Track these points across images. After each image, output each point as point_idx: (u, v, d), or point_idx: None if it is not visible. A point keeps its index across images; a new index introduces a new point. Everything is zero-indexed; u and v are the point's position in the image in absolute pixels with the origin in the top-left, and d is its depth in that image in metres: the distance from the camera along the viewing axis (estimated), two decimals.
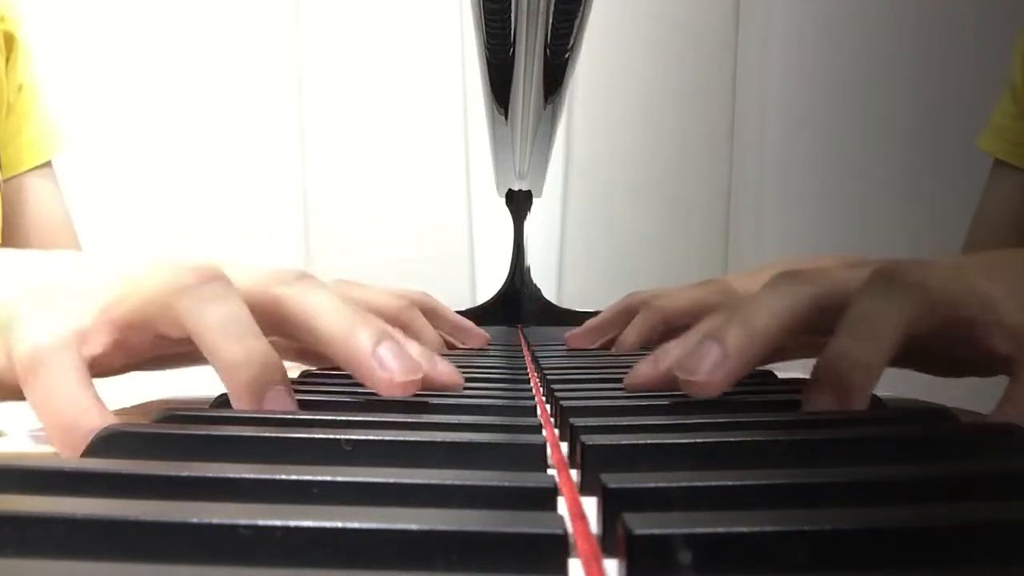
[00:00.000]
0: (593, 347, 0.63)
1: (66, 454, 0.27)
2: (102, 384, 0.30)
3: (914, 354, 0.31)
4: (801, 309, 0.32)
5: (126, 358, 0.32)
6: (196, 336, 0.29)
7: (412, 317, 0.54)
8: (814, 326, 0.32)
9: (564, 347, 0.65)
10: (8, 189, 0.70)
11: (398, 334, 0.34)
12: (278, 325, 0.33)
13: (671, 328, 0.55)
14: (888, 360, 0.29)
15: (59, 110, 0.75)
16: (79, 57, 1.32)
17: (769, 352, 0.32)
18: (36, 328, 0.28)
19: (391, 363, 0.31)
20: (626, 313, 0.60)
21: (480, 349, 0.63)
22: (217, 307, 0.29)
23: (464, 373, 0.44)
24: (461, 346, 0.63)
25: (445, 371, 0.36)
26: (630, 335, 0.57)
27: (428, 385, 0.33)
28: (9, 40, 0.68)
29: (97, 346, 0.29)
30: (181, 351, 0.33)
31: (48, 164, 0.74)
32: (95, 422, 0.26)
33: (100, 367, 0.30)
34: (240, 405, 0.29)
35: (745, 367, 0.31)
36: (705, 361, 0.31)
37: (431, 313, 0.59)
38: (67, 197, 0.76)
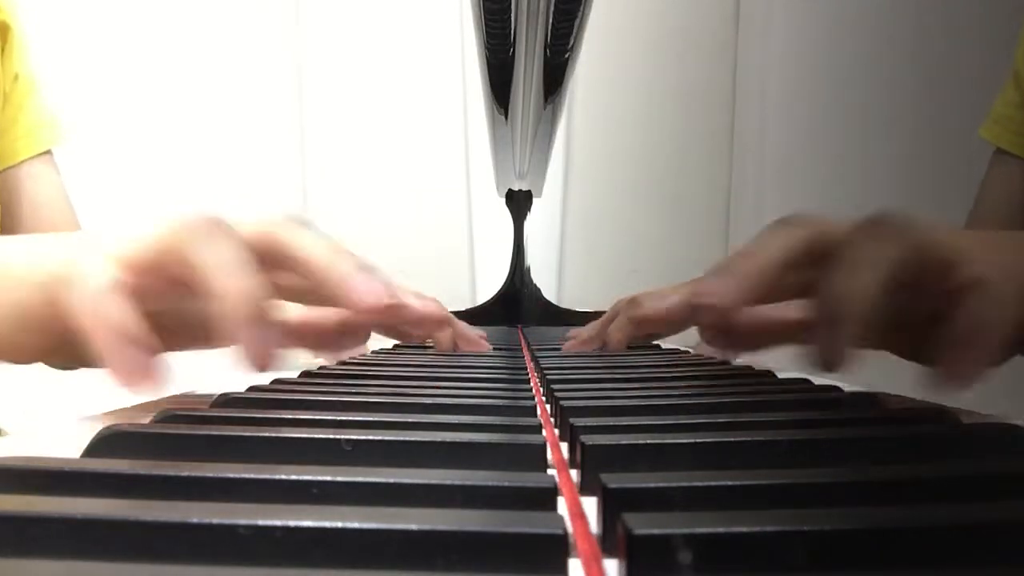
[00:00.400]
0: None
1: (135, 389, 0.29)
2: (102, 385, 0.30)
3: (894, 320, 0.31)
4: (798, 246, 0.33)
5: (155, 304, 0.33)
6: (198, 272, 0.31)
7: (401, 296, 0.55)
8: (812, 263, 0.33)
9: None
10: (6, 179, 0.70)
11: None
12: (274, 261, 0.34)
13: (652, 329, 0.55)
14: (880, 294, 0.29)
15: (58, 103, 0.75)
16: (79, 56, 1.32)
17: (774, 280, 0.33)
18: (83, 279, 0.31)
19: (368, 285, 0.33)
20: (612, 319, 0.60)
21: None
22: (217, 245, 0.31)
23: (464, 373, 0.44)
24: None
25: (423, 304, 0.38)
26: (614, 333, 0.57)
27: (406, 316, 0.35)
28: (3, 30, 0.68)
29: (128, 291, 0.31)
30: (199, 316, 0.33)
31: (48, 154, 0.73)
32: (152, 352, 0.30)
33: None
34: (229, 338, 0.30)
35: (754, 289, 0.32)
36: (718, 283, 0.32)
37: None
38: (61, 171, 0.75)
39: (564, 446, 0.28)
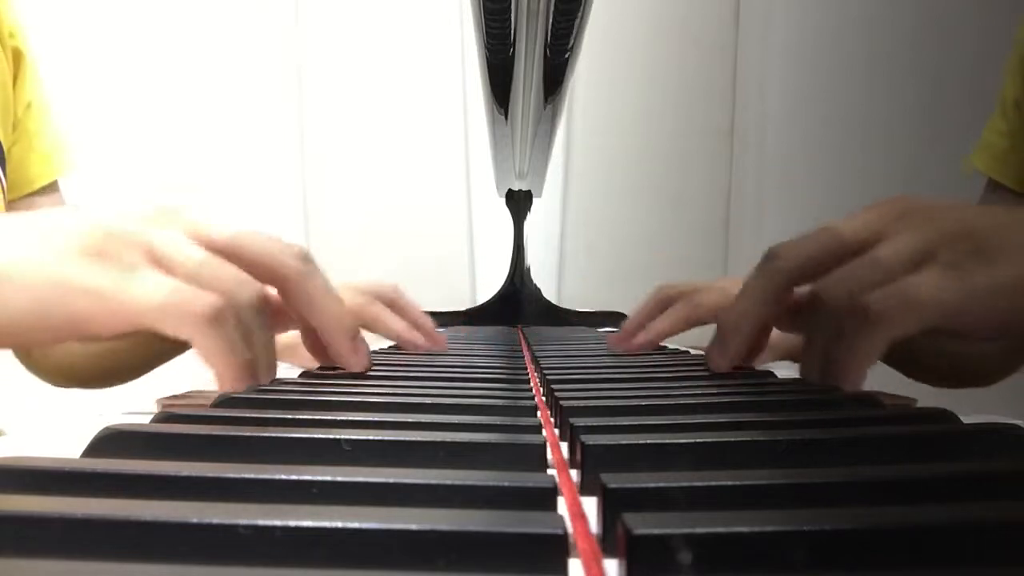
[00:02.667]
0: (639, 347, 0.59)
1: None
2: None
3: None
4: (772, 294, 0.40)
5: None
6: (305, 293, 0.39)
7: (377, 313, 0.58)
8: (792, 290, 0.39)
9: (564, 347, 0.65)
10: (20, 207, 0.69)
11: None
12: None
13: (704, 323, 0.55)
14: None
15: (67, 128, 0.74)
16: (79, 61, 1.32)
17: (759, 330, 0.40)
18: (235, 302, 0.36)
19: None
20: (659, 305, 0.59)
21: (478, 350, 0.63)
22: (317, 277, 0.40)
23: (464, 373, 0.44)
24: (415, 346, 0.60)
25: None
26: (661, 323, 0.56)
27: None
28: (17, 57, 0.67)
29: None
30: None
31: (55, 183, 0.73)
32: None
33: None
34: (341, 348, 0.41)
35: (745, 348, 0.40)
36: (719, 354, 0.41)
37: (394, 306, 0.60)
38: (67, 200, 0.75)
39: (564, 446, 0.28)
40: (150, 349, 0.57)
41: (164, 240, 0.36)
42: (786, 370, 0.47)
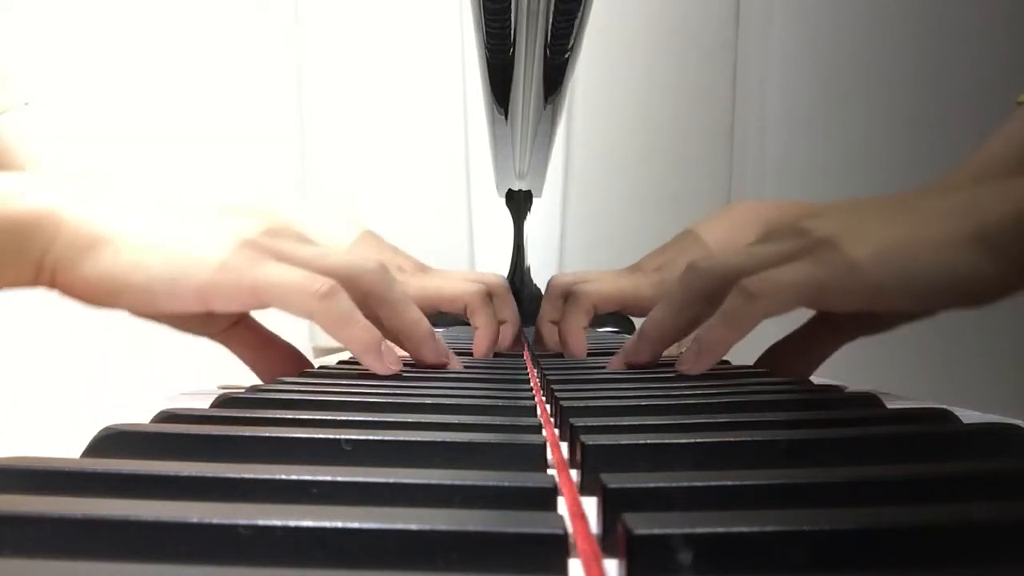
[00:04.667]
0: (554, 348, 0.61)
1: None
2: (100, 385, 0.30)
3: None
4: (687, 301, 0.44)
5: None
6: (390, 300, 0.44)
7: (479, 306, 0.59)
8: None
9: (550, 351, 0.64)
10: None
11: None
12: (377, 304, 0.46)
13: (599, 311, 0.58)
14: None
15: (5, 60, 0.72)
16: (79, 61, 1.32)
17: (676, 334, 0.44)
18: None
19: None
20: (550, 300, 0.62)
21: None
22: (397, 285, 0.45)
23: (464, 373, 0.44)
24: (504, 346, 0.62)
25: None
26: (573, 332, 0.57)
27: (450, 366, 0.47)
28: None
29: None
30: None
31: (25, 105, 0.70)
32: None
33: None
34: (423, 348, 0.45)
35: (663, 347, 0.45)
36: (638, 351, 0.45)
37: (499, 298, 0.63)
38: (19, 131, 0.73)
39: (564, 446, 0.28)
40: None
41: (285, 242, 0.43)
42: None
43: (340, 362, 0.55)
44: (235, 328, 0.46)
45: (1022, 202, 0.32)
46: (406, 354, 0.47)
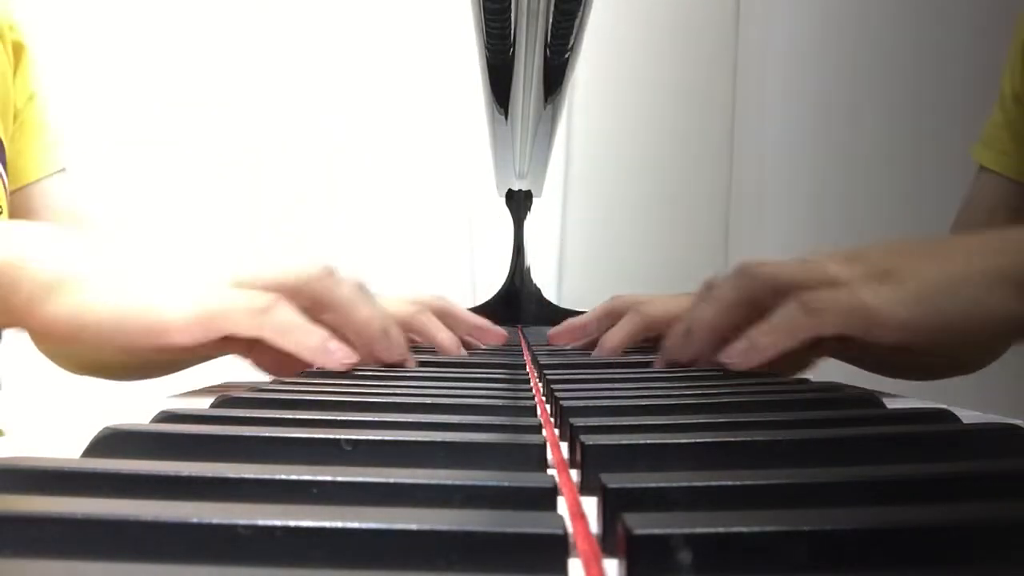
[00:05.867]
0: (574, 346, 0.63)
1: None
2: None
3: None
4: (739, 299, 0.44)
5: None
6: (336, 302, 0.44)
7: (424, 321, 0.58)
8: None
9: (564, 347, 0.65)
10: (20, 199, 0.69)
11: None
12: (321, 307, 0.46)
13: (654, 333, 0.57)
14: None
15: (63, 122, 0.75)
16: (78, 61, 1.32)
17: (724, 332, 0.44)
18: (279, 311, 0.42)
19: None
20: (610, 316, 0.60)
21: (478, 350, 0.63)
22: (343, 286, 0.45)
23: (464, 373, 0.44)
24: (482, 346, 0.63)
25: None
26: (616, 335, 0.57)
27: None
28: (18, 50, 0.68)
29: None
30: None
31: (63, 172, 0.73)
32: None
33: None
34: (375, 346, 0.45)
35: (710, 347, 0.44)
36: (682, 347, 0.46)
37: (445, 316, 0.61)
38: (72, 191, 0.75)
39: (564, 446, 0.28)
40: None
41: (238, 270, 0.44)
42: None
43: None
44: (256, 344, 0.46)
45: None
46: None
